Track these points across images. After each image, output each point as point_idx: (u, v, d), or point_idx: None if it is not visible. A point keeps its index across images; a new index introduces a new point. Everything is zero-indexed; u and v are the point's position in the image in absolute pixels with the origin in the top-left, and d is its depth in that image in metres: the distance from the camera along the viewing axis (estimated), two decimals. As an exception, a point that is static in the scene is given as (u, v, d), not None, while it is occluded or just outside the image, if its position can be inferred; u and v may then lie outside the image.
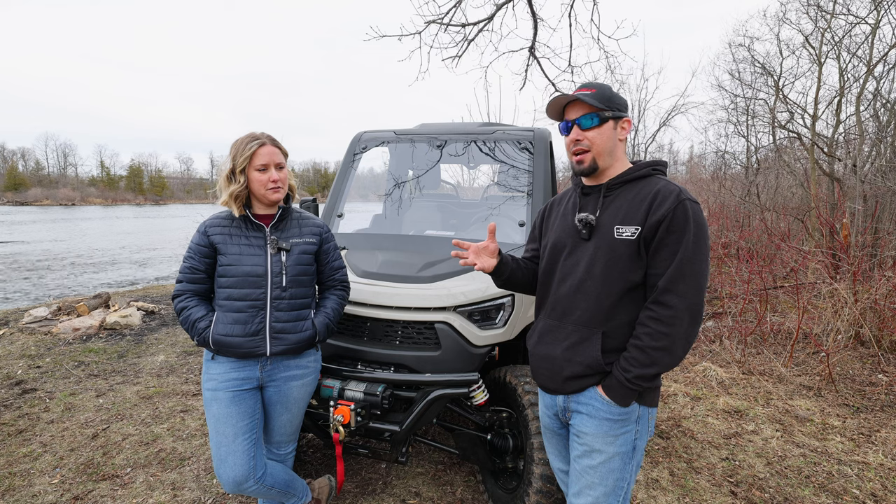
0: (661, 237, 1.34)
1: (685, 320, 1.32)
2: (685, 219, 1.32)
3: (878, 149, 8.24)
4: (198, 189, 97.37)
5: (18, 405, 3.63)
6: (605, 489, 1.43)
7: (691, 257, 1.32)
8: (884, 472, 2.90)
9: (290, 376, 1.94)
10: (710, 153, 15.57)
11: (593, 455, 1.44)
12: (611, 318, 1.41)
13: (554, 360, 1.50)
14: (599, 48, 5.82)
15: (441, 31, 5.63)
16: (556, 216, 1.62)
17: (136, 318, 5.98)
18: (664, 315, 1.32)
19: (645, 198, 1.38)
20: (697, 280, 1.33)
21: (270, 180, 1.82)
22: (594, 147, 1.43)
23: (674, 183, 1.41)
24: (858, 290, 4.87)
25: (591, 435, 1.44)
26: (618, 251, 1.38)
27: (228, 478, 1.80)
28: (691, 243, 1.32)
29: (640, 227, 1.36)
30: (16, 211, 47.40)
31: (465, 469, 2.85)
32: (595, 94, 1.43)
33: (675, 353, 1.34)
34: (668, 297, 1.32)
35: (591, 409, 1.44)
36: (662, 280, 1.33)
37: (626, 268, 1.38)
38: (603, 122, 1.42)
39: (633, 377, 1.35)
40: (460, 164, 4.02)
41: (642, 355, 1.34)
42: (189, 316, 1.81)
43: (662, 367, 1.34)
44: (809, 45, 9.39)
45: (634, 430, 1.44)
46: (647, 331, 1.34)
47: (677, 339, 1.32)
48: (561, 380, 1.48)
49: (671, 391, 4.07)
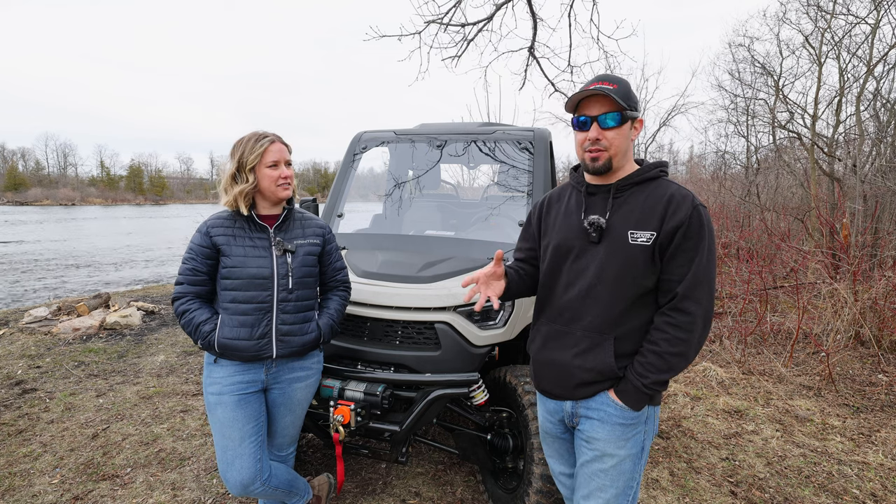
0: (677, 243, 1.33)
1: (700, 326, 1.34)
2: (700, 225, 1.32)
3: (878, 149, 8.24)
4: (198, 189, 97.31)
5: (18, 405, 3.63)
6: (616, 491, 1.42)
7: (707, 264, 1.33)
8: (884, 472, 2.90)
9: (295, 378, 1.93)
10: (710, 153, 15.59)
11: (605, 459, 1.42)
12: (622, 324, 1.40)
13: (563, 367, 1.47)
14: (599, 48, 5.83)
15: (441, 31, 5.64)
16: (557, 215, 1.56)
17: (136, 318, 5.98)
18: (683, 321, 1.33)
19: (658, 202, 1.36)
20: (711, 286, 1.34)
21: (281, 177, 1.82)
22: (612, 147, 1.38)
23: (683, 187, 1.40)
24: (858, 290, 4.87)
25: (603, 440, 1.42)
26: (633, 257, 1.36)
27: (235, 481, 1.80)
28: (706, 250, 1.33)
29: (655, 232, 1.35)
30: (16, 211, 47.40)
31: (465, 469, 2.85)
32: (618, 90, 1.36)
33: (689, 357, 1.36)
34: (687, 304, 1.33)
35: (604, 414, 1.42)
36: (681, 287, 1.33)
37: (641, 273, 1.37)
38: (624, 122, 1.37)
39: (650, 382, 1.34)
40: (460, 164, 4.02)
41: (660, 361, 1.34)
42: (192, 319, 1.78)
43: (677, 372, 1.36)
44: (809, 45, 9.39)
45: (643, 432, 1.44)
46: (666, 336, 1.34)
47: (693, 344, 1.34)
48: (571, 386, 1.46)
49: (671, 391, 4.07)
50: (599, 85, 1.36)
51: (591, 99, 1.39)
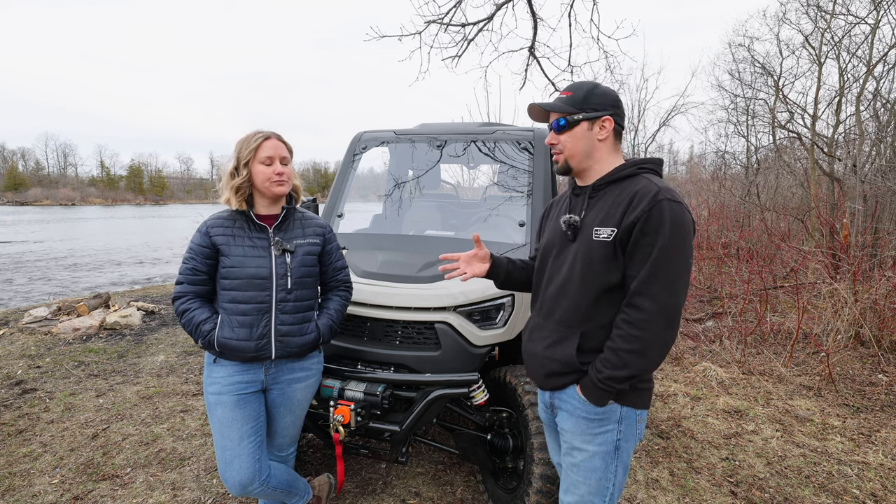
0: (635, 239, 1.32)
1: (659, 323, 1.30)
2: (660, 219, 1.28)
3: (878, 149, 8.24)
4: (198, 189, 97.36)
5: (18, 405, 3.63)
6: (588, 488, 1.44)
7: (666, 259, 1.29)
8: (884, 472, 2.90)
9: (294, 378, 1.93)
10: (710, 153, 15.59)
11: (574, 453, 1.47)
12: (589, 319, 1.43)
13: (536, 357, 1.54)
14: (599, 48, 5.83)
15: (441, 31, 5.64)
16: (553, 217, 1.65)
17: (136, 318, 5.98)
18: (636, 318, 1.32)
19: (624, 199, 1.37)
20: (673, 282, 1.30)
21: (275, 173, 1.81)
22: (565, 149, 1.49)
23: (656, 182, 1.36)
24: (858, 290, 4.87)
25: (570, 432, 1.47)
26: (595, 253, 1.39)
27: (234, 481, 1.80)
28: (667, 244, 1.28)
29: (615, 228, 1.36)
30: (16, 211, 47.40)
31: (465, 469, 2.85)
32: (570, 97, 1.46)
33: (649, 356, 1.33)
34: (640, 300, 1.31)
35: (571, 406, 1.47)
36: (635, 282, 1.32)
37: (602, 269, 1.38)
38: (572, 125, 1.45)
39: (604, 378, 1.35)
40: (460, 165, 4.02)
41: (614, 357, 1.34)
42: (192, 318, 1.79)
43: (636, 370, 1.33)
44: (809, 45, 9.39)
45: (616, 431, 1.42)
46: (620, 333, 1.35)
47: (651, 342, 1.31)
48: (542, 376, 1.53)
49: (671, 391, 4.07)
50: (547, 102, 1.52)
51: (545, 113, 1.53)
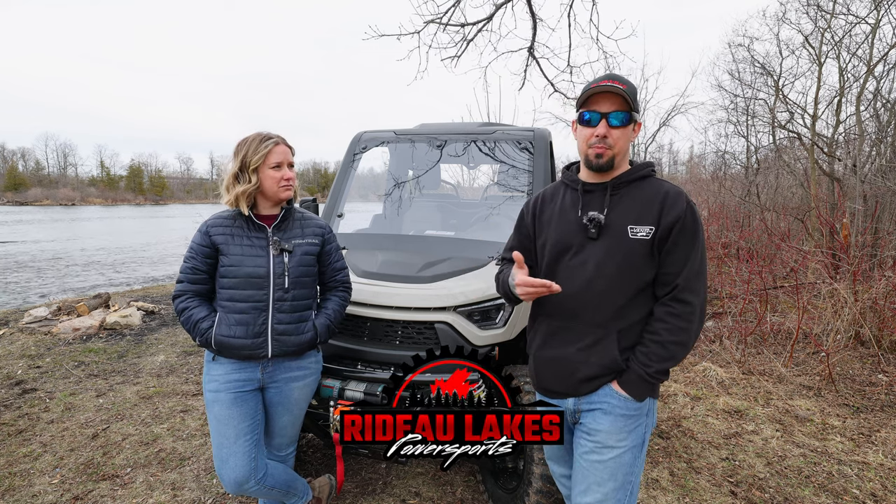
0: (675, 238, 1.39)
1: (700, 316, 1.41)
2: (694, 221, 1.39)
3: (878, 149, 8.24)
4: (198, 189, 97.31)
5: (18, 405, 3.63)
6: (615, 484, 1.43)
7: (701, 257, 1.41)
8: (884, 472, 2.90)
9: (291, 377, 1.94)
10: (710, 153, 15.61)
11: (603, 451, 1.43)
12: (624, 317, 1.43)
13: (566, 362, 1.48)
14: (598, 48, 5.83)
15: (440, 30, 5.64)
16: (553, 214, 1.56)
17: (136, 318, 5.98)
18: (684, 311, 1.38)
19: (654, 198, 1.42)
20: (705, 278, 1.43)
21: (284, 178, 1.84)
22: (616, 146, 1.41)
23: (674, 184, 1.47)
24: (858, 290, 4.87)
25: (604, 432, 1.43)
26: (633, 251, 1.40)
27: (230, 478, 1.81)
28: (702, 243, 1.41)
29: (654, 227, 1.39)
30: (16, 211, 47.40)
31: (465, 469, 2.85)
32: (628, 90, 1.38)
33: (688, 346, 1.41)
34: (687, 295, 1.39)
35: (608, 405, 1.44)
36: (681, 278, 1.39)
37: (641, 267, 1.41)
38: (629, 122, 1.41)
39: (654, 371, 1.39)
40: (460, 164, 4.02)
41: (662, 350, 1.38)
42: (191, 316, 1.81)
43: (678, 361, 1.41)
44: (809, 45, 9.40)
45: (645, 424, 1.47)
46: (667, 326, 1.39)
47: (692, 333, 1.40)
48: (575, 381, 1.47)
49: (671, 391, 4.07)
50: (612, 83, 1.38)
51: (601, 95, 1.40)
